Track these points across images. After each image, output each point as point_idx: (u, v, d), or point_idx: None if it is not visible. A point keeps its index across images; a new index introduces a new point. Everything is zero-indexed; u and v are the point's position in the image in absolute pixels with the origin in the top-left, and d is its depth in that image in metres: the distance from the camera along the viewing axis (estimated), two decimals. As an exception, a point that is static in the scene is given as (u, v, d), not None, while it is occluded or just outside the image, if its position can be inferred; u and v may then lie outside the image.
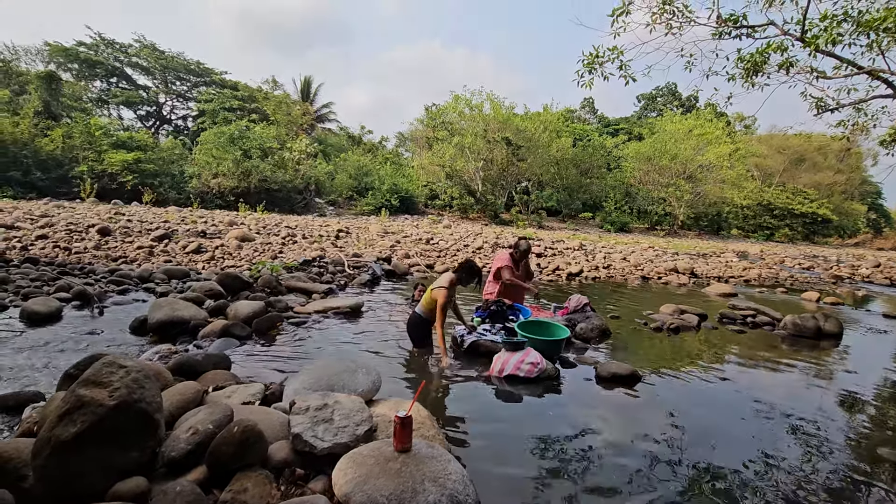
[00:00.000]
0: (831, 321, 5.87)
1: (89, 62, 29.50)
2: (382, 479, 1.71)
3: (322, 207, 24.44)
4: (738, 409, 3.41)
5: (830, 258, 19.84)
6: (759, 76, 8.51)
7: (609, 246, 16.18)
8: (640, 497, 2.18)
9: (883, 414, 3.51)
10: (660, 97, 46.46)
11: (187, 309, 4.40)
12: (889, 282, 13.91)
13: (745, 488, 2.31)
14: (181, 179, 21.36)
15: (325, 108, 38.98)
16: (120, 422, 1.65)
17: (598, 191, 31.66)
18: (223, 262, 8.03)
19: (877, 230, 47.58)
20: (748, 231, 35.17)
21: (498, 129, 26.95)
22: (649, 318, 6.00)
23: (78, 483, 1.54)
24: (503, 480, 2.28)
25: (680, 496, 2.21)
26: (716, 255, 16.63)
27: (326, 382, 2.58)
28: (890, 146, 9.75)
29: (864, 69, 7.87)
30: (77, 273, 6.22)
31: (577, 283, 9.40)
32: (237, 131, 22.81)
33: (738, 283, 11.07)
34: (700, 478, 2.39)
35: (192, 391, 2.30)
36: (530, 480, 2.28)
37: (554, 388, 3.55)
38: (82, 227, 9.41)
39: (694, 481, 2.35)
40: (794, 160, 40.59)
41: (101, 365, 1.76)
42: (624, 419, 3.14)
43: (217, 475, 1.75)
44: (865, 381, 4.22)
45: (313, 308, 5.34)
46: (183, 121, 36.38)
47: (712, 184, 29.66)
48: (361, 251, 10.31)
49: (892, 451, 2.79)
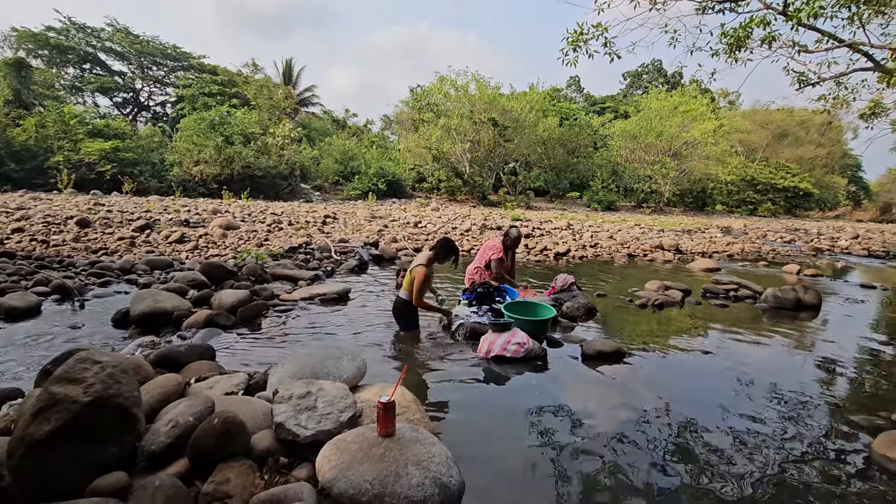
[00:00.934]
0: (810, 293, 6.00)
1: (60, 48, 28.43)
2: (366, 465, 1.72)
3: (308, 193, 24.14)
4: (721, 381, 3.48)
5: (811, 231, 20.20)
6: (742, 51, 8.50)
7: (596, 225, 16.27)
8: (625, 472, 2.23)
9: (858, 380, 3.61)
10: (645, 74, 46.30)
11: (170, 300, 4.34)
12: (867, 252, 14.23)
13: (725, 456, 2.37)
14: (162, 168, 20.89)
15: (308, 92, 38.16)
16: (96, 418, 1.62)
17: (585, 170, 31.66)
18: (207, 251, 7.91)
19: (856, 202, 48.50)
20: (732, 206, 35.57)
21: (484, 109, 26.67)
22: (634, 296, 6.08)
23: (56, 481, 1.52)
24: (489, 461, 2.31)
25: (665, 469, 2.26)
26: (700, 231, 16.82)
27: (311, 370, 2.57)
28: (869, 119, 9.85)
29: (845, 42, 7.89)
30: (56, 266, 6.09)
31: (565, 263, 9.45)
32: (218, 117, 22.27)
33: (721, 258, 11.24)
34: (683, 449, 2.45)
35: (174, 384, 2.28)
36: (516, 461, 2.31)
37: (540, 367, 3.59)
38: (60, 219, 9.19)
39: (678, 453, 2.40)
40: (776, 135, 40.92)
41: (75, 361, 1.73)
42: (609, 396, 3.19)
43: (199, 467, 1.74)
44: (842, 350, 4.34)
45: (299, 295, 5.30)
46: (161, 107, 35.43)
47: (697, 160, 29.83)
48: (348, 236, 10.24)
49: (865, 416, 2.88)
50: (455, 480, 1.77)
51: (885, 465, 2.34)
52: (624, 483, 2.14)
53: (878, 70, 8.28)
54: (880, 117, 10.15)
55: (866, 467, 2.34)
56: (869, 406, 3.09)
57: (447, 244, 4.14)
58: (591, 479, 2.16)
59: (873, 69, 8.40)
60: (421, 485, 1.66)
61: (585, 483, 2.13)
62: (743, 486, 2.14)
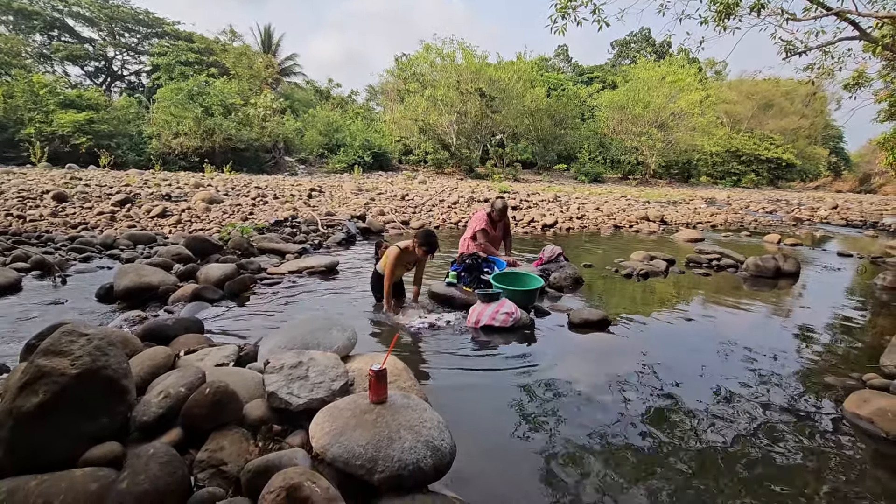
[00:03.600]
0: (790, 261, 6.15)
1: (24, 13, 26.89)
2: (359, 430, 1.75)
3: (293, 166, 23.68)
4: (702, 347, 3.59)
5: (792, 201, 20.56)
6: (731, 19, 8.42)
7: (583, 197, 16.33)
8: (610, 436, 2.30)
9: (832, 344, 3.75)
10: (633, 43, 45.68)
11: (155, 274, 4.28)
12: (845, 222, 14.58)
13: (706, 418, 2.46)
14: (140, 140, 20.25)
15: (289, 61, 36.93)
16: (85, 390, 1.61)
17: (572, 142, 31.51)
18: (191, 225, 7.78)
19: (836, 173, 49.29)
20: (717, 178, 35.92)
21: (471, 79, 26.14)
22: (620, 266, 6.16)
23: (47, 452, 1.52)
24: (480, 426, 2.37)
25: (648, 432, 2.34)
26: (685, 203, 17.01)
27: (301, 341, 2.57)
28: (853, 89, 9.92)
29: (833, 10, 7.84)
30: (34, 242, 5.94)
31: (552, 234, 9.52)
32: (196, 87, 21.54)
33: (705, 229, 11.42)
34: (666, 412, 2.54)
35: (163, 356, 2.27)
36: (506, 425, 2.37)
37: (528, 336, 3.65)
38: (36, 194, 8.92)
39: (661, 416, 2.49)
40: (762, 105, 41.09)
41: (61, 334, 1.70)
42: (595, 362, 3.27)
43: (192, 436, 1.75)
44: (818, 316, 4.50)
45: (287, 269, 5.27)
46: (136, 77, 34.04)
47: (683, 131, 29.86)
48: (335, 210, 10.13)
49: (838, 378, 3.01)
50: (447, 444, 1.81)
51: (855, 421, 2.46)
52: (608, 447, 2.22)
53: (864, 38, 8.29)
54: (863, 87, 10.24)
55: (838, 424, 2.46)
56: (842, 368, 3.22)
57: (426, 235, 3.91)
58: (577, 443, 2.24)
59: (859, 38, 8.40)
60: (413, 448, 1.70)
61: (571, 446, 2.20)
62: (722, 446, 2.23)
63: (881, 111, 14.09)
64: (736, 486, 1.94)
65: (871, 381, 2.86)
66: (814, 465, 2.10)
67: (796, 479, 2.00)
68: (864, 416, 2.44)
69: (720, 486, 1.94)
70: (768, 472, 2.04)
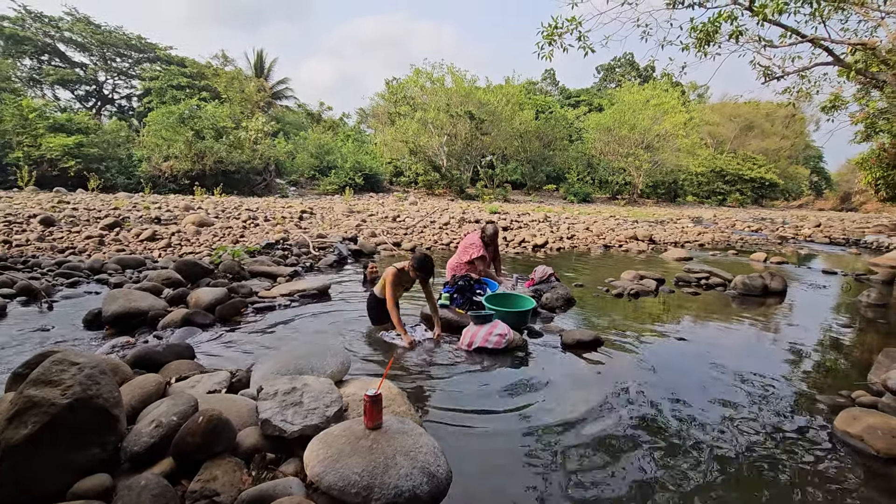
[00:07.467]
0: (777, 279, 6.26)
1: (15, 38, 26.98)
2: (354, 457, 1.74)
3: (283, 188, 23.71)
4: (694, 367, 3.62)
5: (777, 220, 20.99)
6: (711, 46, 8.73)
7: (573, 217, 16.52)
8: (604, 456, 2.30)
9: (821, 362, 3.80)
10: (618, 67, 46.98)
11: (144, 299, 4.23)
12: (828, 240, 14.89)
13: (697, 436, 2.47)
14: (130, 163, 20.17)
15: (281, 85, 37.36)
16: (76, 420, 1.59)
17: (561, 162, 32.05)
18: (181, 248, 7.72)
19: (818, 192, 50.54)
20: (702, 197, 36.63)
21: (460, 102, 26.64)
22: (611, 285, 6.22)
23: (37, 484, 1.49)
24: (474, 450, 2.36)
25: (641, 452, 2.34)
26: (672, 222, 17.27)
27: (294, 366, 2.56)
28: (830, 112, 10.27)
29: (808, 37, 8.18)
30: (20, 267, 5.84)
31: (543, 255, 9.58)
32: (187, 111, 21.58)
33: (693, 248, 11.58)
34: (659, 432, 2.54)
35: (154, 383, 2.24)
36: (500, 449, 2.36)
37: (522, 357, 3.65)
38: (22, 218, 8.81)
39: (654, 436, 2.50)
40: (744, 127, 42.28)
41: (51, 363, 1.69)
42: (589, 383, 3.27)
43: (184, 466, 1.73)
44: (806, 333, 4.56)
45: (279, 292, 5.24)
46: (127, 101, 34.07)
47: (669, 152, 30.55)
48: (326, 232, 10.13)
49: (828, 395, 3.04)
50: (443, 469, 1.80)
51: (846, 440, 2.48)
52: (603, 467, 2.21)
53: (838, 64, 8.64)
54: (840, 110, 10.61)
55: (829, 443, 2.48)
56: (831, 386, 3.26)
57: (422, 260, 3.92)
58: (572, 464, 2.23)
59: (833, 63, 8.75)
60: (409, 474, 1.69)
61: (568, 468, 2.19)
62: (713, 463, 2.24)
63: (858, 132, 14.59)
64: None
65: (860, 399, 2.90)
66: (807, 484, 2.11)
67: (789, 499, 2.01)
68: (855, 434, 2.46)
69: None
70: (761, 491, 2.05)
